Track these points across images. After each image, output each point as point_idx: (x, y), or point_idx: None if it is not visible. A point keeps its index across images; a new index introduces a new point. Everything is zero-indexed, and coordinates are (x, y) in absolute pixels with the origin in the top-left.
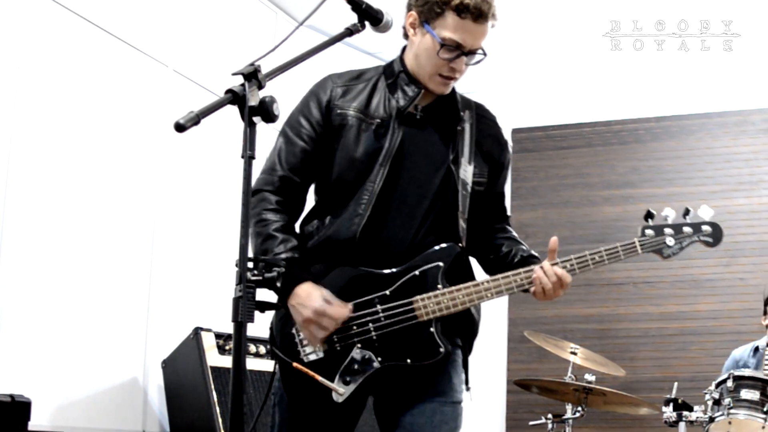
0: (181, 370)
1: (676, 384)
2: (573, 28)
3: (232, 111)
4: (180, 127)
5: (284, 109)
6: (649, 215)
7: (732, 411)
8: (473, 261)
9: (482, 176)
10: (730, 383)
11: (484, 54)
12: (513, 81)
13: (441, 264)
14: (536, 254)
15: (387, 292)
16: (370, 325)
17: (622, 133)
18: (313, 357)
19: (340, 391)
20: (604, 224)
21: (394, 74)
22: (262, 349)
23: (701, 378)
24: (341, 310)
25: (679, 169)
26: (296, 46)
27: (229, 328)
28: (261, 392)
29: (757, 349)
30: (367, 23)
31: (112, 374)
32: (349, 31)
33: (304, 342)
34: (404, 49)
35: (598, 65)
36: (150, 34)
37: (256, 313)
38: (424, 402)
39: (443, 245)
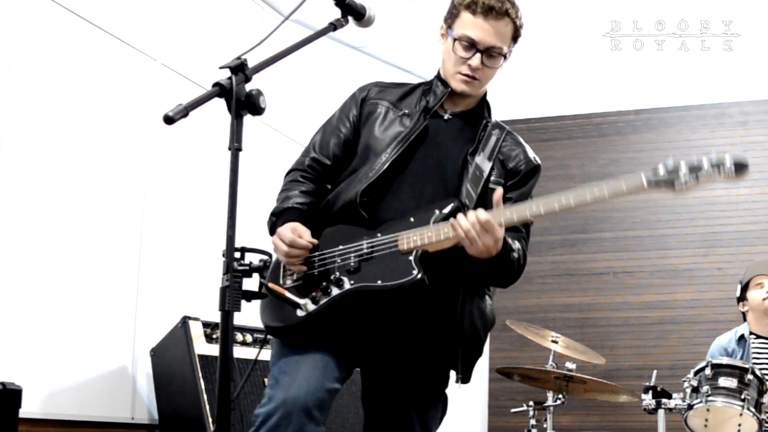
0: (170, 359)
1: (655, 372)
2: (557, 24)
3: (219, 104)
4: (169, 120)
5: (271, 102)
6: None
7: (710, 398)
8: None
9: (500, 177)
10: (708, 371)
11: (503, 56)
12: (496, 75)
13: (437, 211)
14: None
15: (378, 233)
16: (352, 255)
17: (603, 125)
18: (289, 282)
19: (303, 303)
20: (584, 215)
21: (431, 82)
22: (249, 338)
23: (680, 366)
24: (300, 240)
25: (658, 161)
26: (282, 41)
27: (216, 317)
28: (247, 380)
29: (742, 337)
30: (350, 18)
31: (101, 362)
32: (333, 26)
33: (288, 272)
34: None
35: (579, 60)
36: (139, 28)
37: (243, 302)
38: (411, 391)
39: (444, 200)
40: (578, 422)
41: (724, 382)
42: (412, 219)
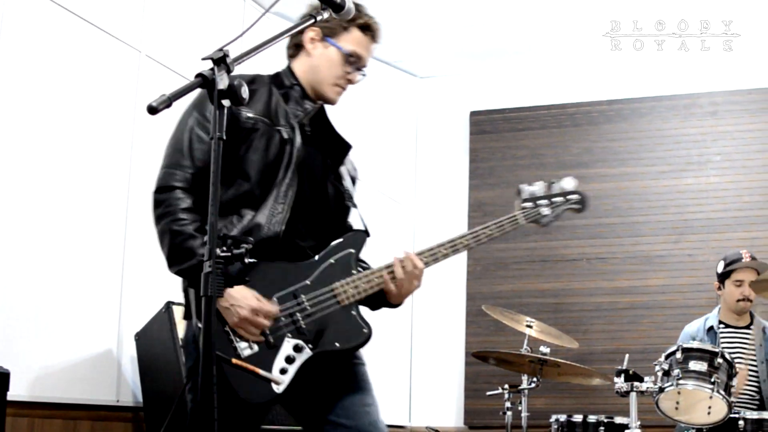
0: (154, 342)
1: (627, 356)
2: (529, 19)
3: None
4: (152, 110)
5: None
6: (518, 192)
7: (681, 381)
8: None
9: (351, 187)
10: (679, 355)
11: (365, 74)
12: (472, 66)
13: (352, 251)
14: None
15: (308, 282)
16: (298, 315)
17: (576, 115)
18: (248, 352)
19: (279, 380)
20: None
21: (284, 86)
22: None
23: (651, 350)
24: (273, 307)
25: (630, 150)
26: (263, 32)
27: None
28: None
29: (711, 328)
30: (329, 10)
31: (87, 346)
32: (313, 18)
33: (238, 339)
34: (289, 63)
35: (553, 51)
36: (123, 20)
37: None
38: (350, 393)
39: (352, 232)
40: (552, 405)
41: (695, 365)
42: (333, 261)
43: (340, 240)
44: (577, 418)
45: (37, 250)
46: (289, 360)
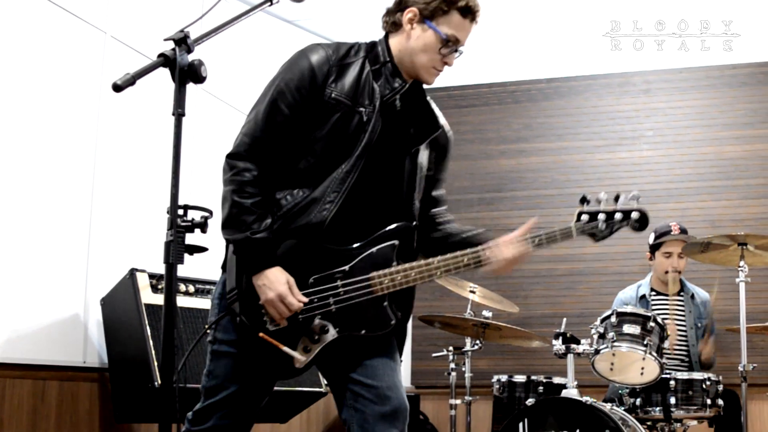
0: (118, 307)
1: (564, 320)
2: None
3: (164, 73)
4: (117, 87)
5: (211, 72)
6: (584, 200)
7: (615, 344)
8: None
9: (431, 161)
10: (613, 319)
11: (461, 53)
12: None
13: (395, 243)
14: (482, 231)
15: (346, 268)
16: (331, 299)
17: (516, 93)
18: (273, 327)
19: (301, 359)
20: (499, 175)
21: (379, 61)
22: (192, 288)
23: (588, 314)
24: (297, 303)
25: (567, 126)
26: (222, 14)
27: (161, 269)
28: (190, 327)
29: (643, 297)
30: None
31: (55, 310)
32: (269, 1)
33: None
34: (386, 37)
35: (493, 32)
36: (89, 1)
37: (186, 255)
38: (375, 356)
39: (398, 225)
40: (494, 366)
41: (629, 329)
42: (374, 251)
43: (386, 231)
44: (518, 378)
45: (5, 218)
46: (315, 340)
